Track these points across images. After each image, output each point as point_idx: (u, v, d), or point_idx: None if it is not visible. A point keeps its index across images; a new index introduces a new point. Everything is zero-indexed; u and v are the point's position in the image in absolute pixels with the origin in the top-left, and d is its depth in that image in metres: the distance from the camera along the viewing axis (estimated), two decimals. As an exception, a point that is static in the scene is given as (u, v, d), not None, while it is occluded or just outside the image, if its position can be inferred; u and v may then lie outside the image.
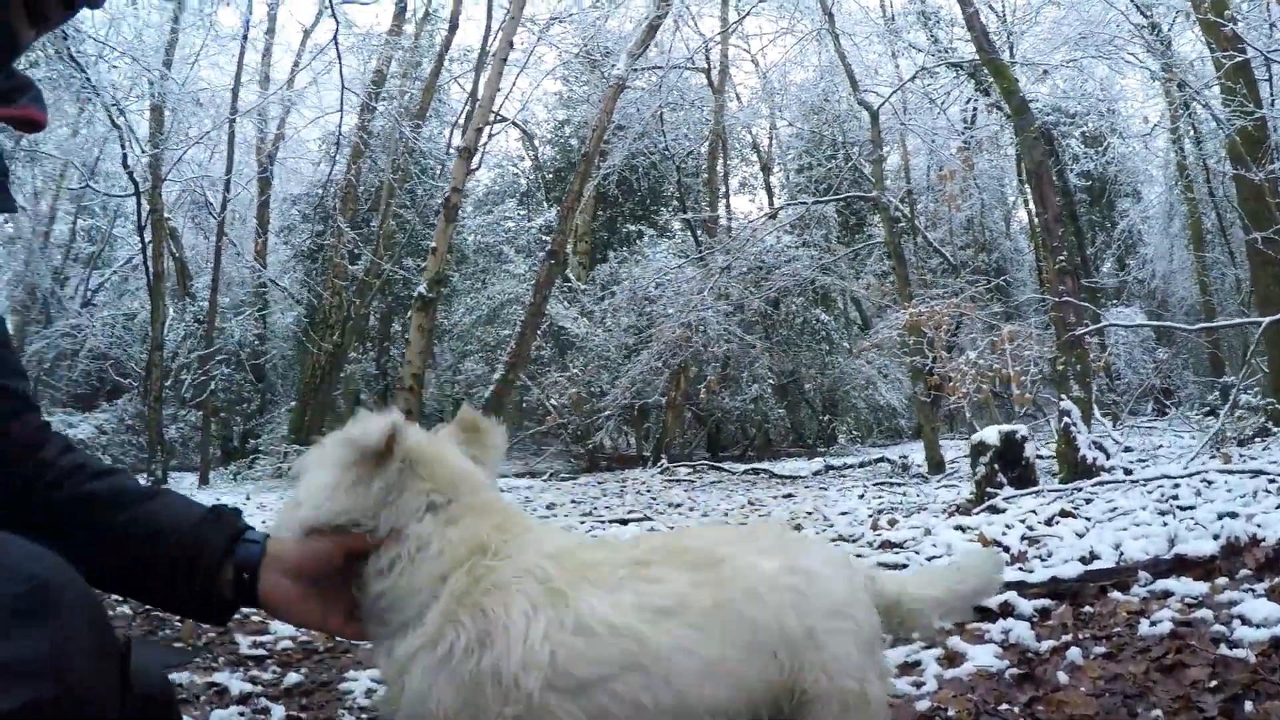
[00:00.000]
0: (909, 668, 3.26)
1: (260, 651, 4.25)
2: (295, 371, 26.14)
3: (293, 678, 3.62)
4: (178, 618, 4.52)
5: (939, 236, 24.59)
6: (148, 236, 22.77)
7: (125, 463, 25.41)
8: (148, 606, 4.69)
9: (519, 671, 1.61)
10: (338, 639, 4.16)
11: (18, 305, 28.21)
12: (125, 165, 22.00)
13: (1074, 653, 3.22)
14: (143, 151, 22.35)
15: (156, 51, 22.60)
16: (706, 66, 25.59)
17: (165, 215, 23.55)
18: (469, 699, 1.62)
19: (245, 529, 1.71)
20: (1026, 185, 21.39)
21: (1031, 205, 23.61)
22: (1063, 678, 3.02)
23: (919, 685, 3.06)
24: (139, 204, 22.56)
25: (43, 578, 1.13)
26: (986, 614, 3.78)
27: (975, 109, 23.93)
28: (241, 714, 3.14)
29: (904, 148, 25.84)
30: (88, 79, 19.47)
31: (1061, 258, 12.04)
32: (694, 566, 1.80)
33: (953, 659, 3.29)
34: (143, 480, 16.65)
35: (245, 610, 4.99)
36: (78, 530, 1.58)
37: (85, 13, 1.50)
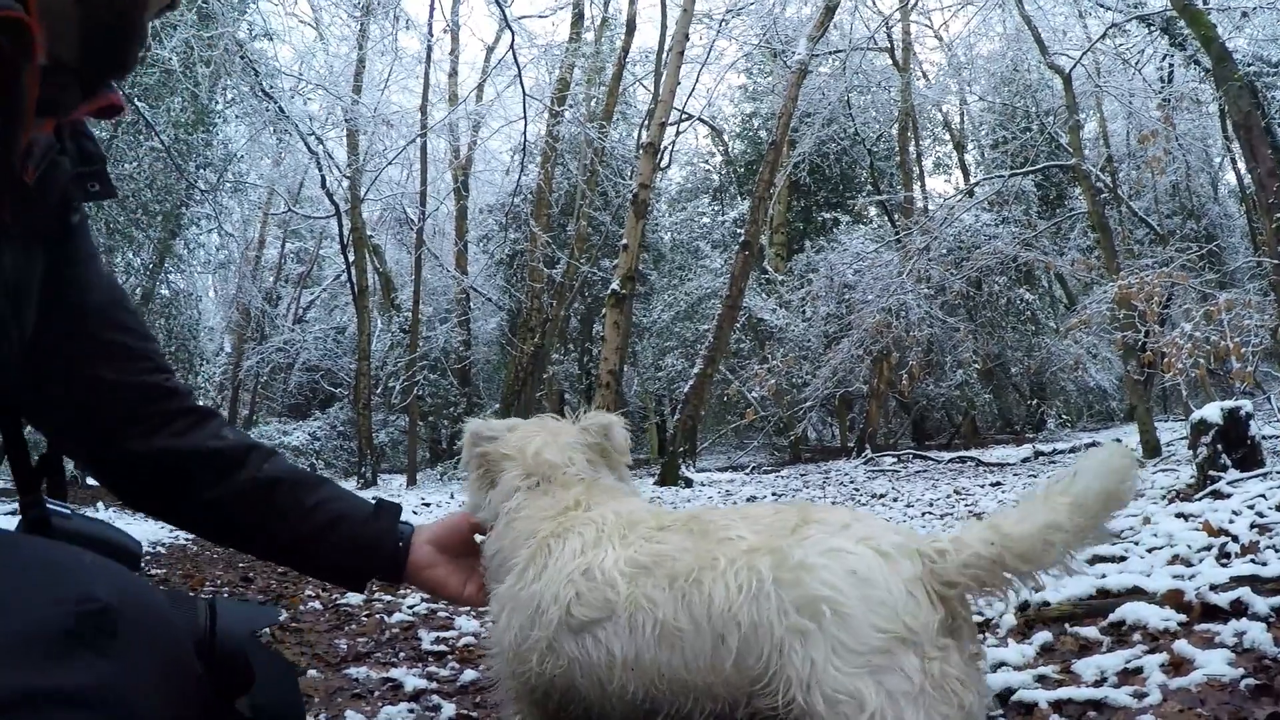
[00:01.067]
0: (1130, 675, 2.96)
1: (441, 648, 4.23)
2: (499, 374, 26.94)
3: (469, 674, 3.55)
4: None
5: (1143, 205, 23.40)
6: (351, 254, 23.80)
7: (338, 466, 26.69)
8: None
9: (551, 604, 1.83)
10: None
11: (233, 325, 29.97)
12: (325, 188, 23.07)
13: (1317, 659, 2.88)
14: (341, 175, 23.34)
15: (346, 80, 23.50)
16: (889, 45, 25.02)
17: (367, 233, 24.53)
18: (521, 623, 1.87)
19: (401, 522, 2.06)
20: (1232, 143, 20.06)
21: (1240, 165, 22.21)
22: (1304, 688, 2.68)
23: (1141, 696, 2.75)
24: (341, 224, 23.61)
25: (104, 602, 1.07)
26: (1217, 614, 3.44)
27: (1172, 65, 22.47)
28: (412, 710, 3.10)
29: (1100, 113, 24.63)
30: (281, 110, 20.43)
31: (1278, 215, 11.12)
32: (689, 532, 1.82)
33: (1179, 666, 2.95)
34: (354, 483, 17.29)
35: (432, 605, 5.11)
36: (261, 507, 1.87)
37: (275, 49, 1.59)
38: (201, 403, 1.89)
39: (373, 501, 2.05)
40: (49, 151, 1.43)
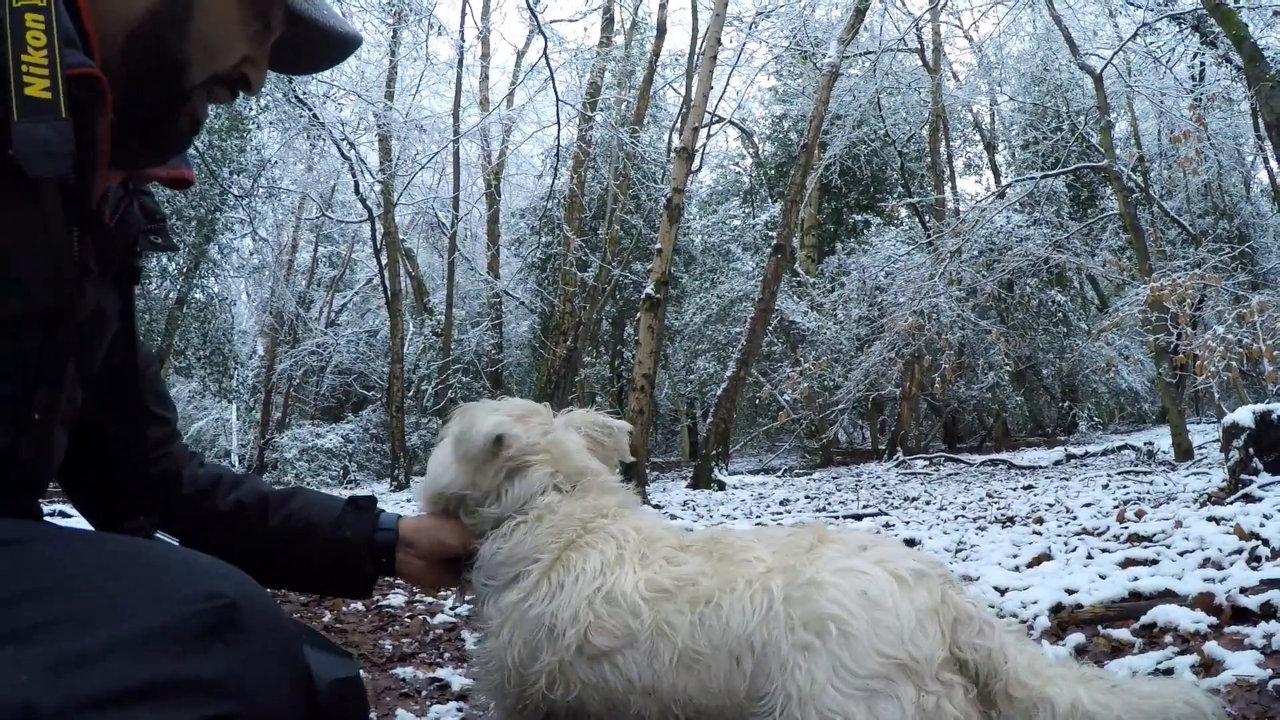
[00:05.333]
0: (1161, 675, 3.01)
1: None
2: (531, 377, 27.05)
3: (515, 675, 3.62)
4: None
5: (1175, 205, 23.19)
6: (384, 258, 23.95)
7: (371, 469, 26.85)
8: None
9: (567, 626, 1.73)
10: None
11: (266, 329, 30.16)
12: (358, 193, 23.22)
13: (1344, 662, 2.90)
14: (374, 180, 23.48)
15: (379, 85, 23.62)
16: (919, 46, 24.93)
17: (400, 237, 24.68)
18: (528, 640, 1.77)
19: (380, 514, 2.02)
20: (1264, 142, 19.87)
21: (1272, 164, 21.98)
22: (1332, 691, 2.71)
23: (1170, 696, 2.80)
24: (374, 228, 23.75)
25: (230, 597, 1.15)
26: (1247, 616, 3.47)
27: (1203, 63, 22.29)
28: (460, 709, 3.15)
29: (1131, 112, 24.47)
30: (314, 116, 20.57)
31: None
32: (709, 554, 1.77)
33: (1209, 667, 2.98)
34: (387, 485, 17.28)
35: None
36: (236, 534, 1.88)
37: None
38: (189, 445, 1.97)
39: (345, 501, 2.01)
40: (122, 200, 1.54)
